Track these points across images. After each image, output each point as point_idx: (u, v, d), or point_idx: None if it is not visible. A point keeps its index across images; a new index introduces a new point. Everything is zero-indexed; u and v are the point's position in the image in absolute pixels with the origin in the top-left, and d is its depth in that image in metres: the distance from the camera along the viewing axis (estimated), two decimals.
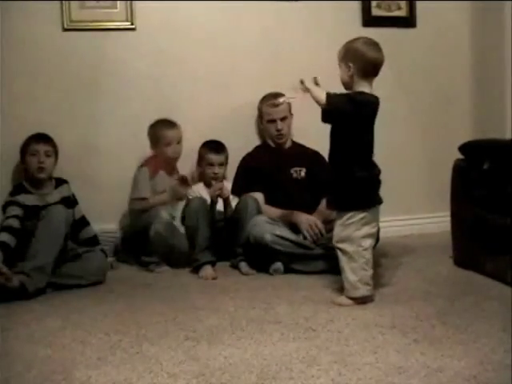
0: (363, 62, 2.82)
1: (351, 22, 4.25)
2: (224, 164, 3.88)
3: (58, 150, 3.61)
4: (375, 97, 2.85)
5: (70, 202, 3.58)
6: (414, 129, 4.45)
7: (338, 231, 2.87)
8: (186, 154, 3.93)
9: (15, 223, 3.31)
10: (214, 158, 3.85)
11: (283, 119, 3.87)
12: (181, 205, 3.79)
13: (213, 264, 3.51)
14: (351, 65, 2.82)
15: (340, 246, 2.85)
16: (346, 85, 2.88)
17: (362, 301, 2.82)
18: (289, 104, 3.88)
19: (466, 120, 4.51)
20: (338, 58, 2.90)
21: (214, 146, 3.87)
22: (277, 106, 3.63)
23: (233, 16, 4.07)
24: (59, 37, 3.79)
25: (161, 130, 3.77)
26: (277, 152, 3.91)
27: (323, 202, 3.74)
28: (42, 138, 3.55)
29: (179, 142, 3.79)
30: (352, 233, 2.81)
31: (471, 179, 3.36)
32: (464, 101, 4.54)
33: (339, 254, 2.86)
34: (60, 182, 3.62)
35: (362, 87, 2.83)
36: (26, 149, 3.54)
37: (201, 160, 3.90)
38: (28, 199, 3.44)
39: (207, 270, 3.43)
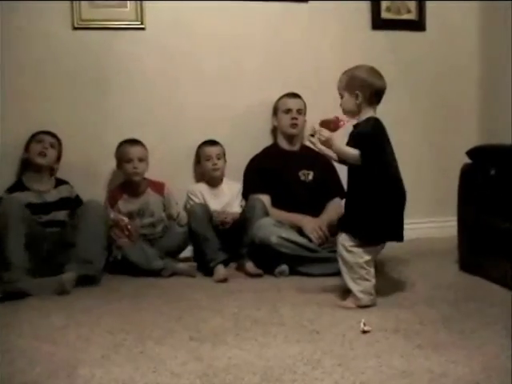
0: (371, 90, 2.83)
1: (361, 24, 4.26)
2: (221, 157, 3.88)
3: (62, 148, 3.67)
4: (378, 119, 2.87)
5: (70, 202, 3.60)
6: (421, 133, 4.44)
7: (343, 243, 2.86)
8: (193, 153, 3.96)
9: None
10: (210, 149, 3.87)
11: (298, 111, 3.89)
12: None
13: (225, 263, 3.51)
14: (359, 93, 2.81)
15: (342, 254, 2.84)
16: (351, 113, 2.88)
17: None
18: (304, 104, 3.93)
19: (473, 124, 4.50)
20: (339, 87, 2.90)
21: (208, 140, 3.91)
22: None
23: (241, 17, 4.07)
24: (69, 35, 3.80)
25: (123, 148, 3.73)
26: (285, 154, 3.92)
27: (329, 206, 3.76)
28: (49, 132, 3.63)
29: (142, 160, 3.70)
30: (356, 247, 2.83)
31: (479, 184, 3.36)
32: (472, 105, 4.53)
33: (340, 263, 2.86)
34: (60, 182, 3.65)
35: (369, 114, 2.84)
36: (31, 138, 3.60)
37: (199, 159, 3.93)
38: (23, 196, 3.46)
39: (219, 272, 3.42)
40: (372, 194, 2.80)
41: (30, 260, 3.23)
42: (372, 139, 2.79)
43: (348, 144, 2.83)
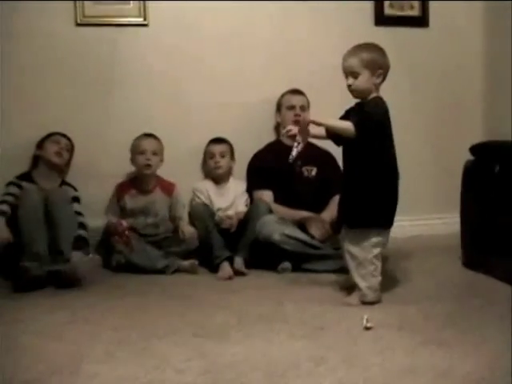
0: (386, 70, 2.82)
1: (364, 20, 4.25)
2: (226, 155, 3.87)
3: (73, 151, 3.71)
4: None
5: None
6: (424, 129, 4.43)
7: (349, 238, 2.84)
8: (197, 152, 3.95)
9: (11, 199, 3.38)
10: (213, 147, 3.87)
11: (302, 107, 3.88)
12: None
13: (231, 260, 3.48)
14: (382, 73, 2.79)
15: (350, 249, 2.83)
16: (365, 92, 2.81)
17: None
18: (307, 100, 3.93)
19: (476, 121, 4.49)
20: (354, 65, 2.78)
21: (214, 138, 3.90)
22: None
23: (244, 14, 4.07)
24: (72, 32, 3.81)
25: (138, 140, 3.74)
26: (289, 150, 3.89)
27: (332, 202, 3.75)
28: (65, 135, 3.67)
29: (156, 153, 3.70)
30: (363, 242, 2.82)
31: (482, 180, 3.35)
32: (475, 101, 4.52)
33: (348, 258, 2.84)
34: (64, 183, 3.66)
35: (375, 93, 2.82)
36: (47, 138, 3.63)
37: (205, 157, 3.95)
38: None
39: (225, 269, 3.41)
40: (372, 180, 2.77)
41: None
42: (382, 119, 2.77)
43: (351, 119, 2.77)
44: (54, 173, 3.62)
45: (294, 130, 2.96)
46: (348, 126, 2.71)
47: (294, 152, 2.95)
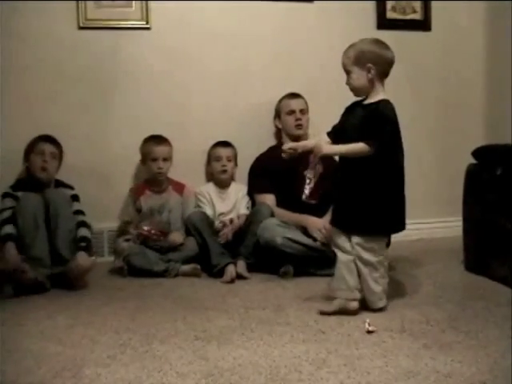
0: (383, 63, 2.73)
1: (366, 24, 4.25)
2: (232, 160, 3.87)
3: (63, 153, 3.63)
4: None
5: None
6: (426, 132, 4.43)
7: (362, 247, 2.79)
8: (198, 154, 3.96)
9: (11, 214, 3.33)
10: (221, 151, 3.87)
11: (301, 111, 3.89)
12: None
13: (234, 264, 3.46)
14: (371, 67, 2.70)
15: (364, 256, 2.77)
16: (362, 90, 2.77)
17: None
18: (306, 102, 3.93)
19: (478, 124, 4.50)
20: (346, 63, 2.76)
21: (221, 141, 3.91)
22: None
23: (247, 16, 4.07)
24: (74, 35, 3.81)
25: (149, 146, 3.75)
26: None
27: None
28: (49, 139, 3.57)
29: (166, 159, 3.73)
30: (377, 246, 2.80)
31: (484, 184, 3.35)
32: (477, 105, 4.53)
33: (360, 265, 2.78)
34: (59, 184, 3.61)
35: (381, 92, 2.76)
36: (31, 148, 3.55)
37: (209, 159, 3.94)
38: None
39: (228, 273, 3.38)
40: (387, 184, 2.74)
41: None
42: (395, 125, 2.72)
43: (360, 125, 2.71)
44: (44, 180, 3.54)
45: (286, 146, 3.05)
46: (361, 147, 2.64)
47: (307, 190, 2.92)
